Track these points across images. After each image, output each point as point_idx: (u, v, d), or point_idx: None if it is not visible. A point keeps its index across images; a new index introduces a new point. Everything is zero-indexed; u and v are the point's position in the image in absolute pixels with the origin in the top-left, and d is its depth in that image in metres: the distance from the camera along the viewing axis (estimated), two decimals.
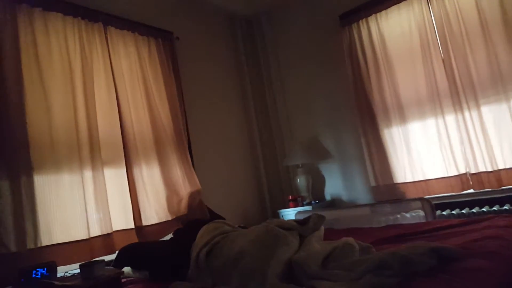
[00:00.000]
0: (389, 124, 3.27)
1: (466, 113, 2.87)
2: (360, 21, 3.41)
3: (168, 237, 2.61)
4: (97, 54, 2.59)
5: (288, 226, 1.77)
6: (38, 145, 2.15)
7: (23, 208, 1.98)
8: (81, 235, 2.20)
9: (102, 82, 2.58)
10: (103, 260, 1.80)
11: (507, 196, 2.78)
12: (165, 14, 3.33)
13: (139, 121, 2.75)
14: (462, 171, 2.92)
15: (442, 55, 3.02)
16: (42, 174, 2.13)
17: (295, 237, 1.68)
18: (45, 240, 2.04)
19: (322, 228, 1.84)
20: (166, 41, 3.17)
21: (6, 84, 2.05)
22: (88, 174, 2.32)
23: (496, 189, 2.78)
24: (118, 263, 2.08)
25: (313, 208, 3.41)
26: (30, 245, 1.96)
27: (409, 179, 3.16)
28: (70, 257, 2.11)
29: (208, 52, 3.73)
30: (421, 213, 2.63)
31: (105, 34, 2.69)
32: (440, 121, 3.01)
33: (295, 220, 1.88)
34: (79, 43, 2.47)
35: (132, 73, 2.80)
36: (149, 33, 3.02)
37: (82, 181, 2.28)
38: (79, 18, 2.51)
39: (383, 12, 3.29)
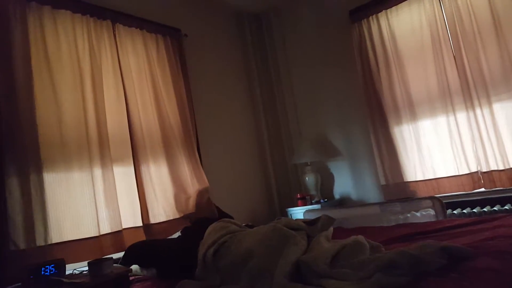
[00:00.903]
0: (399, 121, 3.23)
1: (478, 111, 2.83)
2: (370, 17, 3.37)
3: (176, 235, 2.62)
4: (105, 51, 2.61)
5: (296, 227, 1.76)
6: (48, 143, 2.17)
7: (33, 205, 1.99)
8: (90, 232, 2.21)
9: (110, 80, 2.60)
10: (111, 258, 1.81)
11: None
12: (173, 11, 3.33)
13: (147, 118, 2.76)
14: (474, 169, 2.88)
15: (453, 51, 2.97)
16: (52, 171, 2.15)
17: (303, 237, 1.66)
18: (55, 238, 2.06)
19: (331, 228, 1.82)
20: (174, 38, 3.17)
21: (16, 82, 2.07)
22: (97, 171, 2.33)
23: (507, 188, 2.74)
24: (126, 260, 2.10)
25: (321, 206, 3.39)
26: (40, 242, 1.98)
27: (420, 177, 3.12)
28: (80, 254, 2.13)
29: (216, 49, 3.73)
30: (432, 212, 2.60)
31: (113, 31, 2.70)
32: (451, 118, 2.97)
33: (303, 220, 1.86)
34: (87, 40, 2.49)
35: (140, 70, 2.81)
36: (157, 30, 3.03)
37: (92, 179, 2.30)
38: (88, 16, 2.53)
39: (394, 8, 3.25)
